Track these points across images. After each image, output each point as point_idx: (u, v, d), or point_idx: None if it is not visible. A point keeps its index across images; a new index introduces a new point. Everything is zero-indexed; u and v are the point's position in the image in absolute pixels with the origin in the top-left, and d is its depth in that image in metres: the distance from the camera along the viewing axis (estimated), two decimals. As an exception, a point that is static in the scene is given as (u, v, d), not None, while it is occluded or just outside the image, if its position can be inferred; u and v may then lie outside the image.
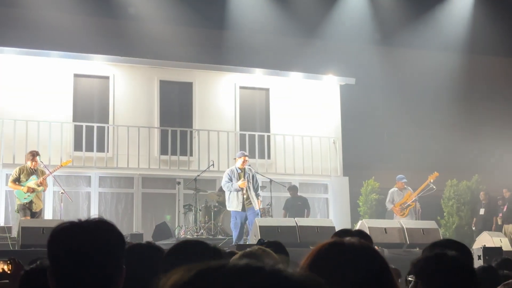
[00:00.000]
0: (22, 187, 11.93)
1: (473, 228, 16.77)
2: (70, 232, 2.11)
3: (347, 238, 1.97)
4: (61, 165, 12.87)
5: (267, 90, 18.06)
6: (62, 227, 2.13)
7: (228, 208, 12.73)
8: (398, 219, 14.57)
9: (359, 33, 19.86)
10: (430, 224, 13.40)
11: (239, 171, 12.57)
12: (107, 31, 17.72)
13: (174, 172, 16.31)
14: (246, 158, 12.75)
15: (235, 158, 13.17)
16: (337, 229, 5.40)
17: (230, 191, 12.43)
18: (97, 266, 2.08)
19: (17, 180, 12.08)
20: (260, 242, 4.29)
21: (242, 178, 12.44)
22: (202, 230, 13.72)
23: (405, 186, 15.08)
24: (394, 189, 15.20)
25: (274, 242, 4.25)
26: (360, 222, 13.37)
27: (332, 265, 1.84)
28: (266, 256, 2.82)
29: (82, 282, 2.06)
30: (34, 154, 12.26)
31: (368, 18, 20.08)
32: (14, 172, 12.31)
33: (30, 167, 12.17)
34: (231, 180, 12.45)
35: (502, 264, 5.76)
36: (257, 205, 12.51)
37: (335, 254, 1.87)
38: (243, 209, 12.39)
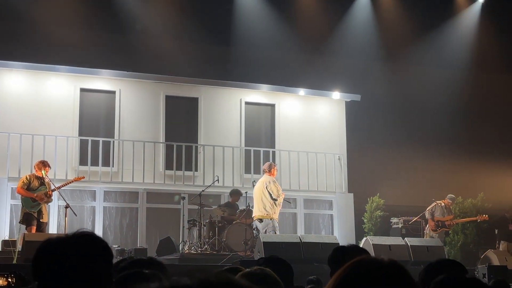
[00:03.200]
0: (35, 195, 11.87)
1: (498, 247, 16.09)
2: (53, 248, 2.08)
3: (374, 256, 1.97)
4: (74, 180, 12.88)
5: (272, 106, 18.10)
6: (46, 244, 2.10)
7: (274, 216, 12.78)
8: (428, 232, 14.74)
9: (364, 50, 19.91)
10: (435, 242, 13.37)
11: None
12: (113, 47, 17.79)
13: (179, 187, 16.32)
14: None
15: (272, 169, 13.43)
16: (341, 245, 5.39)
17: (275, 200, 12.73)
18: (82, 280, 2.04)
19: (27, 187, 12.01)
20: (259, 261, 4.25)
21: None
22: (206, 246, 13.69)
23: (451, 206, 15.38)
24: (441, 203, 15.29)
25: (275, 258, 4.22)
26: (364, 239, 13.33)
27: (361, 283, 1.83)
28: (264, 277, 2.82)
29: None
30: (45, 164, 12.25)
31: (374, 35, 20.13)
32: (23, 178, 12.15)
33: (39, 176, 12.15)
34: None
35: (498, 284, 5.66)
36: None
37: (364, 273, 1.86)
38: None
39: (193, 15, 18.45)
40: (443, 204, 15.36)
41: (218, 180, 15.25)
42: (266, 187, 12.71)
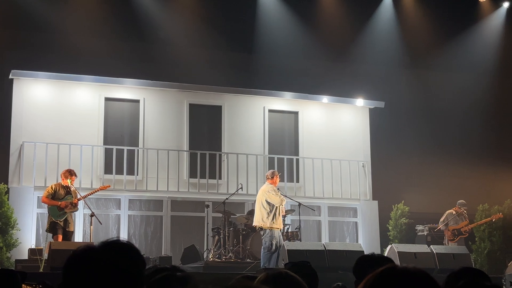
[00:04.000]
0: (59, 203, 11.94)
1: None
2: (85, 256, 2.07)
3: (400, 264, 1.96)
4: (99, 189, 12.92)
5: (296, 113, 18.09)
6: (78, 252, 2.08)
7: (272, 225, 12.18)
8: (446, 243, 14.60)
9: (388, 56, 19.82)
10: (461, 249, 13.23)
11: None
12: (137, 56, 17.92)
13: (203, 195, 16.36)
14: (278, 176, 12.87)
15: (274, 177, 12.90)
16: (366, 254, 5.35)
17: (274, 206, 12.21)
18: None
19: (52, 197, 12.08)
20: (286, 266, 4.23)
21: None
22: (230, 254, 13.69)
23: (464, 212, 15.12)
24: (452, 211, 15.14)
25: (301, 263, 4.20)
26: (389, 246, 13.24)
27: None
28: (289, 279, 2.79)
29: None
30: (72, 173, 12.31)
31: (397, 41, 20.04)
32: (49, 188, 12.24)
33: (65, 185, 12.21)
34: None
35: None
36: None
37: (392, 282, 1.85)
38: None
39: (216, 23, 18.53)
40: (454, 212, 15.20)
41: (242, 188, 15.25)
42: (265, 196, 12.37)
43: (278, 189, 12.58)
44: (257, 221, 12.33)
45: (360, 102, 18.34)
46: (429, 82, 20.55)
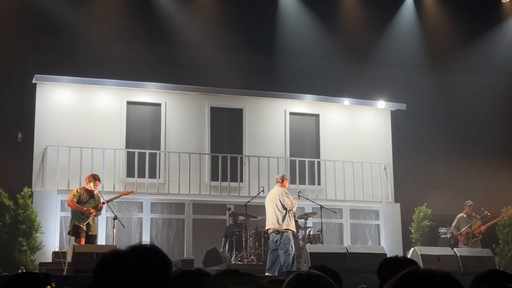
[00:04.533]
0: (84, 208, 12.00)
1: None
2: (115, 259, 2.10)
3: (421, 267, 1.95)
4: (122, 194, 12.96)
5: (317, 116, 18.06)
6: (108, 255, 2.12)
7: (289, 228, 12.13)
8: (461, 246, 14.41)
9: (409, 58, 19.73)
10: (484, 252, 13.11)
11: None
12: (158, 59, 18.01)
13: (224, 198, 16.38)
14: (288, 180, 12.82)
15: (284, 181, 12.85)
16: (389, 256, 5.33)
17: (287, 211, 12.18)
18: None
19: (77, 200, 12.14)
20: (314, 267, 4.20)
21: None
22: (252, 257, 13.69)
23: (474, 213, 14.91)
24: (462, 215, 14.95)
25: (324, 267, 4.18)
26: (412, 249, 13.17)
27: None
28: (317, 279, 2.76)
29: None
30: (96, 178, 12.37)
31: (419, 43, 19.94)
32: (74, 191, 12.26)
33: (89, 190, 12.28)
34: None
35: None
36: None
37: (417, 284, 1.85)
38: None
39: (236, 26, 18.56)
40: (464, 215, 15.02)
41: (263, 190, 15.25)
42: (279, 199, 12.30)
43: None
44: (271, 224, 12.25)
45: (381, 104, 18.26)
46: (451, 83, 20.41)
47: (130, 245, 2.14)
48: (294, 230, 12.38)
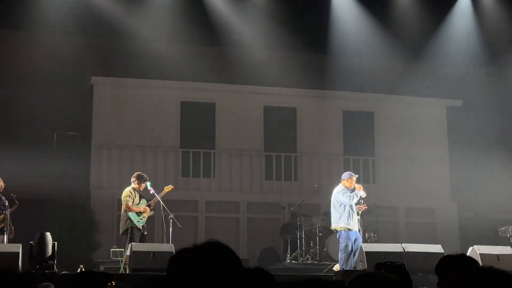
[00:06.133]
0: (141, 209, 12.02)
1: None
2: (188, 257, 2.13)
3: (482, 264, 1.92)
4: (165, 191, 12.82)
5: (371, 113, 17.91)
6: (181, 252, 2.15)
7: (346, 226, 11.94)
8: None
9: (465, 54, 19.36)
10: (546, 251, 12.76)
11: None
12: (212, 59, 18.11)
13: (278, 197, 16.39)
14: (354, 179, 12.38)
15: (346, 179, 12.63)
16: (447, 254, 5.25)
17: (345, 207, 12.00)
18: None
19: (131, 202, 12.13)
20: (378, 267, 4.15)
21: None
22: (307, 255, 13.67)
23: None
24: None
25: (396, 265, 4.11)
26: (471, 248, 12.92)
27: None
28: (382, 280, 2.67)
29: None
30: (143, 178, 12.34)
31: (475, 39, 19.55)
32: (128, 193, 11.91)
33: (138, 189, 12.22)
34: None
35: None
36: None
37: (477, 282, 1.82)
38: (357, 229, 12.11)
39: (289, 24, 18.52)
40: None
41: (317, 189, 15.19)
42: (335, 197, 12.14)
43: (352, 190, 12.27)
44: (332, 223, 12.22)
45: (437, 101, 18.01)
46: (508, 79, 19.95)
47: (202, 242, 2.18)
48: (353, 228, 12.19)
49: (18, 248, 10.43)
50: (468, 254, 12.17)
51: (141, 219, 11.98)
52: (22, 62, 16.41)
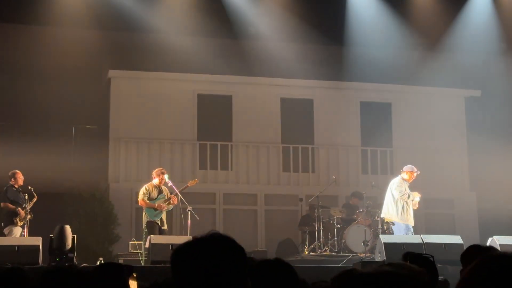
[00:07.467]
0: (156, 205, 12.11)
1: None
2: (192, 247, 2.14)
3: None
4: (188, 185, 12.94)
5: (388, 104, 17.83)
6: (184, 244, 2.15)
7: (401, 221, 12.19)
8: None
9: (483, 44, 19.18)
10: None
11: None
12: (228, 51, 18.10)
13: (296, 189, 16.39)
14: (415, 174, 12.52)
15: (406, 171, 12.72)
16: (465, 247, 5.24)
17: (401, 202, 12.17)
18: (221, 282, 2.07)
19: (148, 198, 12.24)
20: (405, 257, 4.17)
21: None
22: (326, 247, 13.67)
23: None
24: None
25: (419, 256, 4.12)
26: (490, 238, 12.84)
27: (493, 278, 1.81)
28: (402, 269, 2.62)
29: None
30: (162, 172, 12.43)
31: (494, 28, 19.36)
32: (143, 189, 12.22)
33: (157, 185, 12.33)
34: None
35: None
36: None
37: (496, 267, 1.83)
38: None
39: (305, 16, 18.45)
40: None
41: (335, 181, 15.17)
42: (391, 188, 12.36)
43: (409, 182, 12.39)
44: (383, 213, 12.40)
45: (455, 91, 17.88)
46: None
47: (204, 234, 2.17)
48: (405, 221, 12.21)
49: (38, 241, 10.56)
50: (488, 244, 12.10)
51: (158, 213, 12.07)
52: (40, 57, 16.49)
